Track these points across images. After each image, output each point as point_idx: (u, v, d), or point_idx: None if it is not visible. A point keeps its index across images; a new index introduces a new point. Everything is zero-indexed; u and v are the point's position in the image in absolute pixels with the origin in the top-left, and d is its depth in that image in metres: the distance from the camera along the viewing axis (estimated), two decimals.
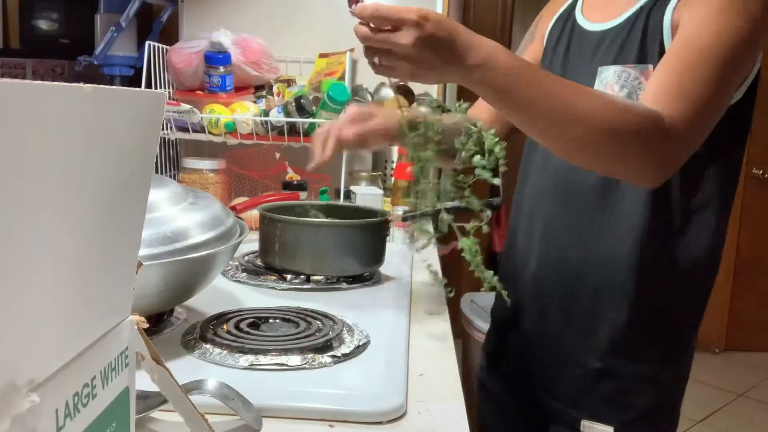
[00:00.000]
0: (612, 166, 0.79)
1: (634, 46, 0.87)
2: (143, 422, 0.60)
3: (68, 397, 0.33)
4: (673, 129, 0.75)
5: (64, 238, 0.31)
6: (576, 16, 1.00)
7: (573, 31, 0.99)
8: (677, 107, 0.76)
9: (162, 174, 1.75)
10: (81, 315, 0.35)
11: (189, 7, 1.95)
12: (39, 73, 2.00)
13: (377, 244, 1.16)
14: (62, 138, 0.29)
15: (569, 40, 0.99)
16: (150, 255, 0.72)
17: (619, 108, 0.75)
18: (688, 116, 0.76)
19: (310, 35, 1.93)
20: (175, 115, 1.63)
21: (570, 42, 0.99)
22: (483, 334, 2.26)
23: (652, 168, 0.78)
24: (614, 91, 0.88)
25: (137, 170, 0.38)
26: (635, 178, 0.81)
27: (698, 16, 0.80)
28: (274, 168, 1.78)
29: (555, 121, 0.74)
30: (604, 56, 0.91)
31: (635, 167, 0.78)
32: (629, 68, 0.87)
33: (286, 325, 0.87)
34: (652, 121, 0.75)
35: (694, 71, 0.77)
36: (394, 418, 0.66)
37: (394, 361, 0.78)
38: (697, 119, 0.77)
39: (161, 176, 1.10)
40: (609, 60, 0.90)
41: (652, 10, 0.87)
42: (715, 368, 3.43)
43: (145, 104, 0.37)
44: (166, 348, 0.77)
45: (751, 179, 3.57)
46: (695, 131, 0.78)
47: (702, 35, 0.79)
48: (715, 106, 0.79)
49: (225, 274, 1.13)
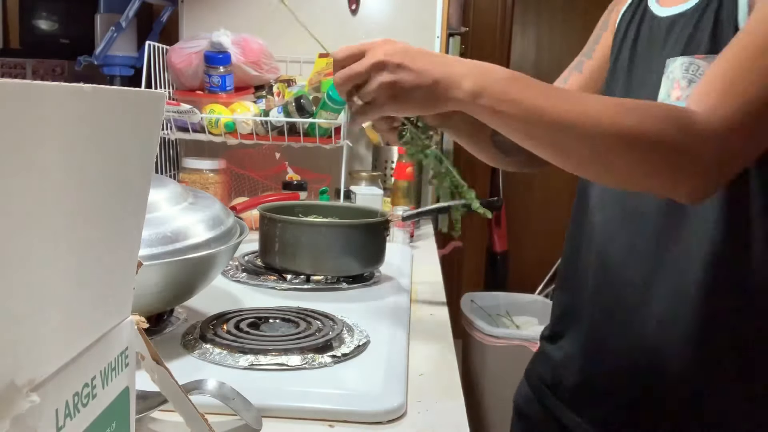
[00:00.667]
0: (637, 179, 0.67)
1: (706, 34, 0.74)
2: (143, 422, 0.61)
3: (68, 397, 0.33)
4: (711, 132, 0.63)
5: (63, 238, 0.31)
6: (648, 1, 0.87)
7: (644, 17, 0.86)
8: (721, 107, 0.64)
9: (162, 174, 1.75)
10: (81, 315, 0.35)
11: (189, 7, 1.95)
12: (39, 73, 2.00)
13: (377, 244, 1.16)
14: (62, 138, 0.29)
15: (639, 27, 0.86)
16: (150, 255, 0.72)
17: (639, 111, 0.64)
18: (734, 118, 0.63)
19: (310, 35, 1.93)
20: (175, 115, 1.63)
21: (639, 30, 0.86)
22: (483, 334, 2.27)
23: (689, 179, 0.65)
24: (681, 88, 0.74)
25: (137, 170, 0.38)
26: (673, 193, 0.67)
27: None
28: (274, 168, 1.78)
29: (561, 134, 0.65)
30: (674, 46, 0.78)
31: (669, 178, 0.65)
32: (699, 59, 0.74)
33: (286, 325, 0.87)
34: (679, 124, 0.63)
35: (753, 71, 0.64)
36: (394, 418, 0.66)
37: (394, 361, 0.78)
38: (748, 121, 0.64)
39: (161, 176, 1.10)
40: (678, 50, 0.77)
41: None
42: None
43: (145, 104, 0.37)
44: (166, 348, 0.77)
45: None
46: (743, 136, 0.64)
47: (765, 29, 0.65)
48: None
49: (225, 274, 1.13)
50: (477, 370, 2.34)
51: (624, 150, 0.64)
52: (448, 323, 0.99)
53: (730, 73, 0.65)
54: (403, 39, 0.76)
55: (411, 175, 1.71)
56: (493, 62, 0.71)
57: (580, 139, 0.64)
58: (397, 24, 1.91)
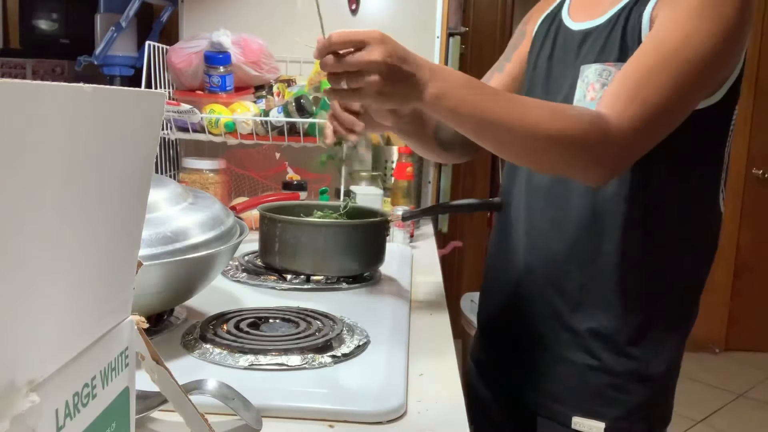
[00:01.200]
0: (560, 169, 0.83)
1: (615, 45, 0.88)
2: (143, 422, 0.61)
3: (68, 397, 0.33)
4: (619, 133, 0.78)
5: (63, 238, 0.31)
6: (562, 16, 1.01)
7: (558, 30, 1.00)
8: (628, 112, 0.78)
9: (162, 174, 1.75)
10: (81, 315, 0.35)
11: (189, 7, 1.95)
12: (39, 73, 2.00)
13: (377, 244, 1.16)
14: (62, 138, 0.29)
15: (554, 39, 1.00)
16: (150, 255, 0.72)
17: (566, 116, 0.78)
18: (638, 121, 0.78)
19: (310, 35, 1.93)
20: (175, 115, 1.63)
21: (555, 42, 1.00)
22: None
23: (597, 169, 0.81)
24: (595, 90, 0.89)
25: (137, 170, 0.38)
26: (583, 179, 0.84)
27: (670, 17, 0.81)
28: (274, 168, 1.78)
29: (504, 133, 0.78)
30: (587, 55, 0.92)
31: (582, 168, 0.81)
32: (610, 66, 0.88)
33: (286, 325, 0.87)
34: (597, 127, 0.77)
35: (655, 77, 0.79)
36: (394, 418, 0.66)
37: (394, 361, 0.78)
38: (649, 125, 0.79)
39: (161, 176, 1.10)
40: (591, 59, 0.91)
41: (633, 8, 0.87)
42: (715, 368, 3.42)
43: (145, 104, 0.37)
44: (166, 348, 0.77)
45: (751, 179, 3.57)
46: (644, 136, 0.80)
47: (670, 38, 0.80)
48: (673, 111, 0.80)
49: (225, 274, 1.13)
50: None
51: (552, 147, 0.78)
52: (448, 323, 0.99)
53: (635, 81, 0.79)
54: (403, 39, 0.77)
55: (411, 175, 1.71)
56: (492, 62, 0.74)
57: (519, 138, 0.77)
58: (397, 24, 1.91)
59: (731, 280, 3.62)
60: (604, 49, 0.90)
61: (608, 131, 0.77)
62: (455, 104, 0.76)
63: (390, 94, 0.76)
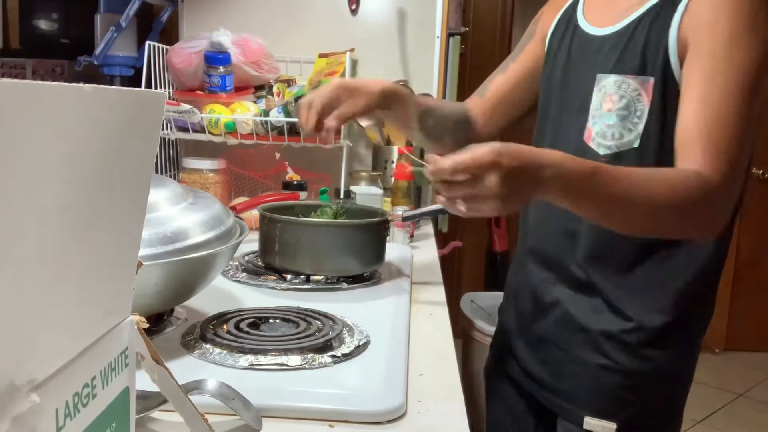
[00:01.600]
0: (678, 234, 0.87)
1: (635, 57, 0.88)
2: (143, 422, 0.61)
3: (68, 397, 0.33)
4: (721, 191, 0.81)
5: (64, 238, 0.31)
6: (577, 18, 1.00)
7: (574, 34, 0.99)
8: (717, 168, 0.80)
9: (162, 174, 1.75)
10: (81, 315, 0.35)
11: (189, 7, 1.95)
12: (39, 73, 2.00)
13: (377, 244, 1.16)
14: (62, 138, 0.29)
15: (570, 44, 0.99)
16: (150, 255, 0.72)
17: (673, 187, 0.80)
18: (728, 172, 0.81)
19: (310, 35, 1.93)
20: (175, 115, 1.63)
21: (571, 47, 0.99)
22: (483, 334, 2.27)
23: (712, 229, 0.84)
24: (613, 101, 0.90)
25: (137, 170, 0.38)
26: (699, 239, 0.90)
27: (713, 45, 0.82)
28: (274, 168, 1.78)
29: (620, 215, 0.80)
30: (604, 63, 0.92)
31: (697, 230, 0.85)
32: (629, 79, 0.88)
33: (286, 325, 0.87)
34: (705, 192, 0.80)
35: (723, 115, 0.81)
36: (394, 418, 0.66)
37: (394, 361, 0.78)
38: (736, 169, 0.82)
39: (161, 176, 1.10)
40: (608, 68, 0.91)
41: (654, 21, 0.87)
42: (715, 368, 3.42)
43: (145, 104, 0.37)
44: (166, 348, 0.77)
45: (750, 179, 3.56)
46: (736, 178, 0.83)
47: (721, 69, 0.81)
48: (746, 142, 0.83)
49: (225, 274, 1.13)
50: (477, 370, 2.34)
51: (675, 217, 0.81)
52: (448, 323, 0.99)
53: (709, 133, 0.81)
54: (403, 39, 0.75)
55: (411, 175, 1.71)
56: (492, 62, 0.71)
57: (645, 216, 0.80)
58: (396, 24, 1.91)
59: (731, 280, 3.62)
60: (622, 59, 0.89)
61: (714, 192, 0.80)
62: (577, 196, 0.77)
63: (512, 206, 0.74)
